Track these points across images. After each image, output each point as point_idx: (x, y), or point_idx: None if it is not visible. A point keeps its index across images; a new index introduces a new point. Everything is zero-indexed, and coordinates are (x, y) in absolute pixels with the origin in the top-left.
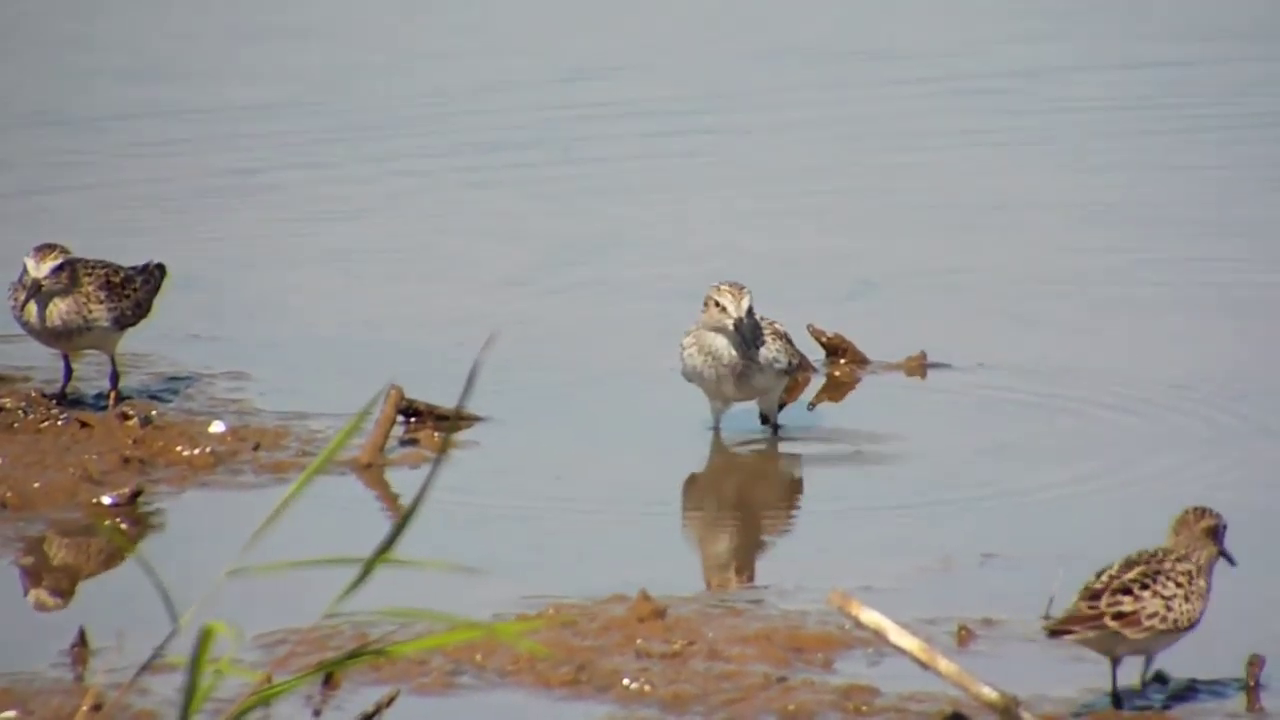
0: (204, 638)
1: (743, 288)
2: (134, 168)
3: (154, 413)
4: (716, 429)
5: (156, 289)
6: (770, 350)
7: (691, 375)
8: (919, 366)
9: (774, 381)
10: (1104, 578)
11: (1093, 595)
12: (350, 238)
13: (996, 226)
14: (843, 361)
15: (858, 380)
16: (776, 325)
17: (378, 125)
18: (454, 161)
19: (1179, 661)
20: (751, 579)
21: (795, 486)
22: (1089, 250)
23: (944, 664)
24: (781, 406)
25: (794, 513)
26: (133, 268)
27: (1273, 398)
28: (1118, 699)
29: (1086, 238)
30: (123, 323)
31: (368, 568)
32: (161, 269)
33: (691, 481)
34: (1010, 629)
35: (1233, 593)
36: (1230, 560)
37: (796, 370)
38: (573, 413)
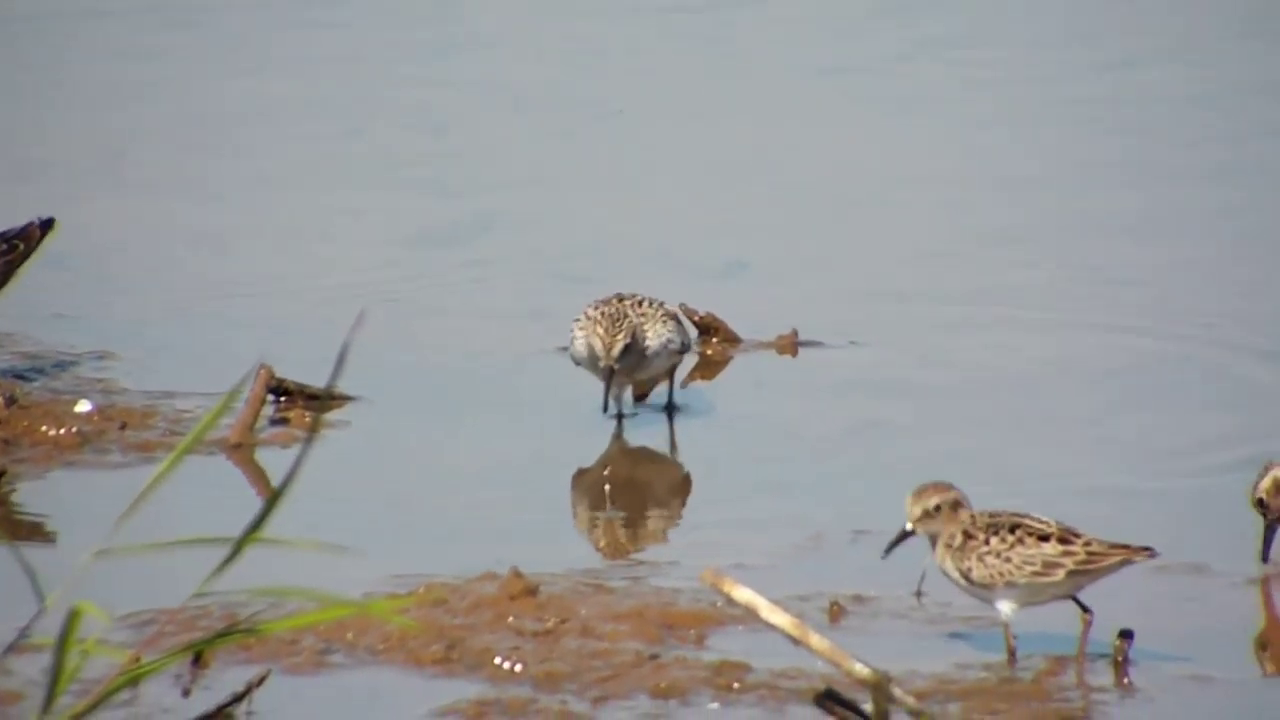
0: (72, 618)
1: (618, 328)
2: None
3: (19, 392)
4: (619, 415)
5: (22, 256)
6: (660, 335)
7: (580, 361)
8: (790, 345)
9: (666, 363)
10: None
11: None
12: (219, 216)
13: (869, 206)
14: (715, 340)
15: (729, 359)
16: (666, 306)
17: (247, 103)
18: (324, 142)
19: (1048, 634)
20: (624, 556)
21: (667, 465)
22: (963, 230)
23: (816, 640)
24: (671, 388)
25: (666, 490)
26: (4, 232)
27: (1139, 376)
28: (1014, 655)
29: (961, 218)
30: None
31: (238, 547)
32: (46, 226)
33: (563, 460)
34: (882, 605)
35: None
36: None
37: (686, 348)
38: (444, 392)
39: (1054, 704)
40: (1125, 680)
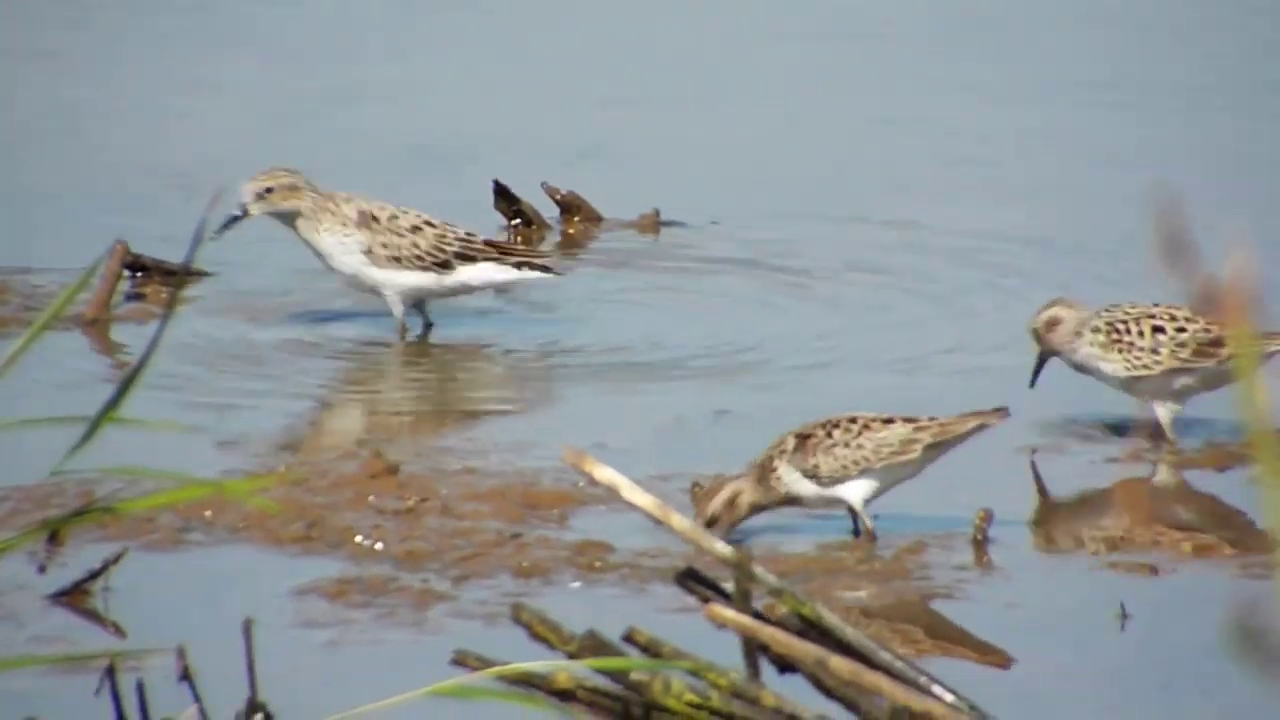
0: None
1: (273, 170)
2: None
3: None
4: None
5: None
6: (346, 242)
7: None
8: (653, 224)
9: (383, 278)
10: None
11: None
12: (73, 89)
13: (733, 87)
14: (576, 220)
15: (592, 238)
16: (379, 212)
17: None
18: (178, 13)
19: (910, 514)
20: (485, 437)
21: (528, 344)
22: (827, 109)
23: (677, 520)
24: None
25: (528, 371)
26: None
27: (998, 253)
28: (864, 534)
29: (826, 97)
30: None
31: (94, 426)
32: None
33: (421, 336)
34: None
35: (965, 450)
36: None
37: (426, 262)
38: (302, 269)
39: (915, 581)
40: (985, 558)
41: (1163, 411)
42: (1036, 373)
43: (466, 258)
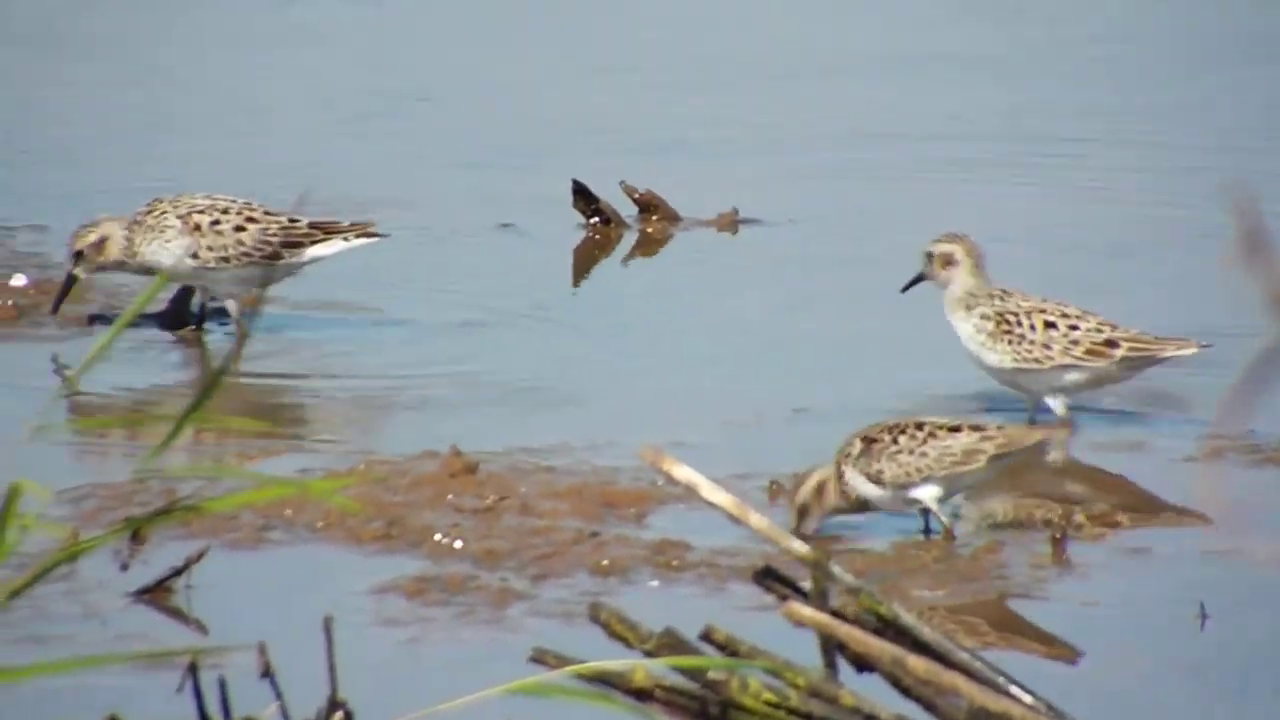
0: (11, 495)
1: (81, 230)
2: None
3: None
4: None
5: None
6: (170, 247)
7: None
8: (731, 223)
9: (210, 275)
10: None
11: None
12: (154, 89)
13: (810, 83)
14: (655, 218)
15: (670, 237)
16: (194, 215)
17: None
18: (258, 12)
19: (987, 513)
20: (564, 435)
21: (607, 344)
22: (904, 106)
23: (755, 519)
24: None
25: (606, 370)
26: None
27: (1084, 250)
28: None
29: (902, 93)
30: None
31: (179, 425)
32: None
33: (500, 340)
34: None
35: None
36: None
37: (246, 259)
38: (379, 272)
39: (993, 581)
40: (1063, 557)
41: (1055, 403)
42: (911, 284)
43: (293, 245)
